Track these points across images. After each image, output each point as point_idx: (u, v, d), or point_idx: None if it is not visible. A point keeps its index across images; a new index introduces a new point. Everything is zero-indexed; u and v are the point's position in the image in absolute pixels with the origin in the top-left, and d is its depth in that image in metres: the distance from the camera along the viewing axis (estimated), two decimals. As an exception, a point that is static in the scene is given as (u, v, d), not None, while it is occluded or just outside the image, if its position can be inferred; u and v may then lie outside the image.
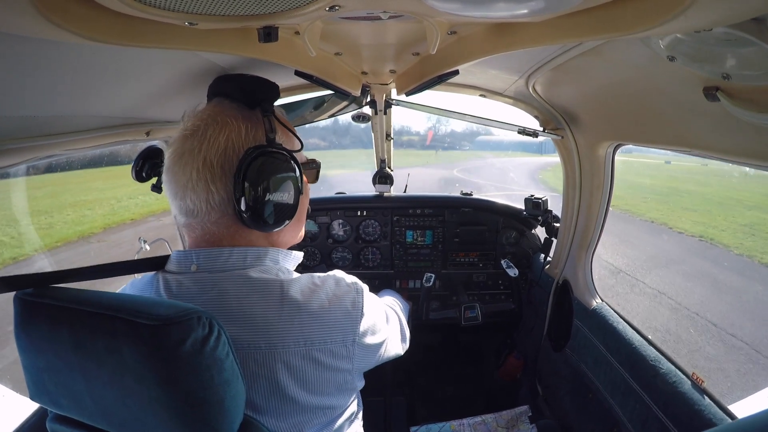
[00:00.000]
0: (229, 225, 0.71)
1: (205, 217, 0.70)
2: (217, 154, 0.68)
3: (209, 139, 0.69)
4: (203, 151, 0.68)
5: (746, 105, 0.69)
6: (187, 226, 0.73)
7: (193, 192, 0.68)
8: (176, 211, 0.72)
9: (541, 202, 1.99)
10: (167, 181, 0.72)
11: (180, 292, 0.69)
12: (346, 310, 0.72)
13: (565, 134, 1.56)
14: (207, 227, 0.71)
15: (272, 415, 0.66)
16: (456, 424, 1.72)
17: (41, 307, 0.58)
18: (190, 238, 0.74)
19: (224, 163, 0.68)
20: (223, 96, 0.76)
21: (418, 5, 0.63)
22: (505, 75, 1.34)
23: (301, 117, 1.79)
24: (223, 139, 0.69)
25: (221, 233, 0.72)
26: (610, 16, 0.57)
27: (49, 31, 0.51)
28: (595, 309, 1.58)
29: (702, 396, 1.05)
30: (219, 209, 0.70)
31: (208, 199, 0.69)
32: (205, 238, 0.72)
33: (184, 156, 0.69)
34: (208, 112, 0.72)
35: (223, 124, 0.70)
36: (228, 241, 0.72)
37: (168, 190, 0.72)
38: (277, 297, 0.67)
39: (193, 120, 0.72)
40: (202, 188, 0.68)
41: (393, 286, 2.27)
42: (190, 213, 0.70)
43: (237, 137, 0.70)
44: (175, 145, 0.71)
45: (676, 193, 16.17)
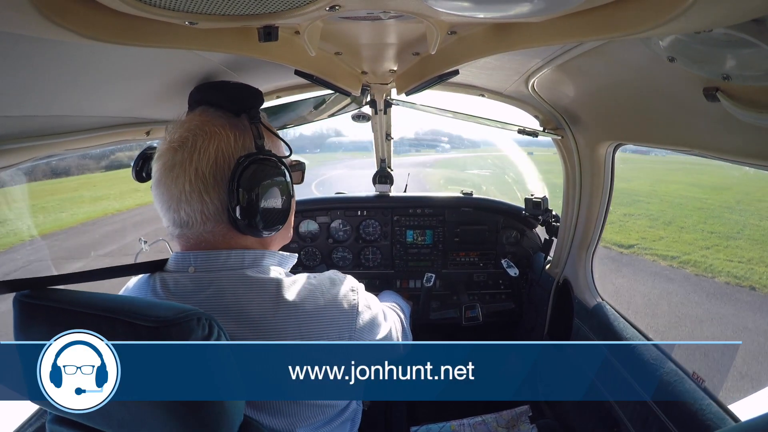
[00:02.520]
0: (225, 233, 0.72)
1: (200, 228, 0.70)
2: (209, 165, 0.68)
3: (199, 150, 0.69)
4: (194, 162, 0.68)
5: (746, 105, 0.69)
6: (181, 237, 0.73)
7: (187, 204, 0.68)
8: (169, 223, 0.72)
9: (541, 202, 2.00)
10: (158, 194, 0.71)
11: (177, 290, 0.69)
12: (341, 307, 0.72)
13: (565, 134, 1.56)
14: (203, 236, 0.71)
15: (272, 413, 0.66)
16: (456, 424, 1.72)
17: (40, 308, 0.58)
18: (184, 247, 0.74)
19: (216, 173, 0.69)
20: (206, 104, 0.76)
21: (418, 5, 0.63)
22: (505, 75, 1.34)
23: (301, 117, 1.80)
24: (213, 149, 0.69)
25: (216, 240, 0.72)
26: (611, 16, 0.57)
27: (49, 30, 0.51)
28: (596, 308, 1.58)
29: (703, 396, 1.05)
30: (213, 219, 0.70)
31: (202, 210, 0.69)
32: (201, 245, 0.72)
33: (175, 168, 0.68)
34: (195, 122, 0.72)
35: (211, 133, 0.70)
36: (224, 246, 0.73)
37: (159, 203, 0.72)
38: (273, 295, 0.68)
39: (179, 131, 0.71)
40: (196, 199, 0.68)
41: (393, 285, 2.27)
42: (185, 224, 0.70)
43: (227, 146, 0.70)
44: (164, 158, 0.70)
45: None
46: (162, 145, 0.73)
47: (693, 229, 9.08)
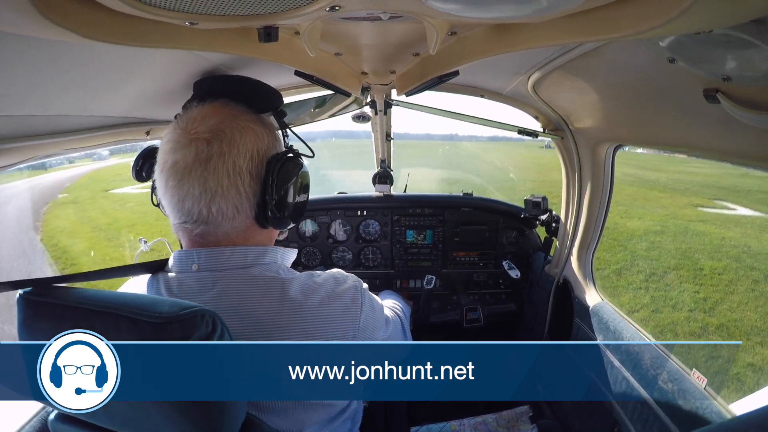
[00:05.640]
0: (246, 227, 0.72)
1: (228, 222, 0.70)
2: (245, 160, 0.69)
3: (238, 144, 0.68)
4: (232, 156, 0.68)
5: (746, 106, 0.69)
6: (193, 232, 0.70)
7: (222, 198, 0.68)
8: (187, 217, 0.69)
9: (540, 202, 2.00)
10: (180, 186, 0.67)
11: (181, 291, 0.69)
12: (345, 306, 0.72)
13: (565, 135, 1.56)
14: (222, 231, 0.70)
15: (274, 412, 0.66)
16: (456, 424, 1.72)
17: (44, 306, 0.58)
18: (192, 243, 0.72)
19: (252, 168, 0.70)
20: (225, 97, 0.75)
21: (418, 6, 0.63)
22: (505, 75, 1.34)
23: (301, 117, 1.80)
24: (251, 145, 0.70)
25: (236, 235, 0.72)
26: (611, 17, 0.57)
27: (49, 31, 0.51)
28: (596, 308, 1.58)
29: (703, 395, 1.05)
30: (243, 213, 0.70)
31: (236, 205, 0.69)
32: (209, 239, 0.72)
33: (212, 160, 0.67)
34: (223, 114, 0.71)
35: (245, 128, 0.71)
36: (239, 241, 0.72)
37: (179, 196, 0.68)
38: (278, 294, 0.68)
39: (207, 122, 0.69)
40: (234, 193, 0.68)
41: (393, 285, 2.27)
42: (209, 220, 0.68)
43: (261, 142, 0.72)
44: (193, 149, 0.67)
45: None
46: (178, 135, 0.69)
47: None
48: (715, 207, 10.65)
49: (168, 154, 0.69)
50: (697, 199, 11.40)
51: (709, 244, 7.65)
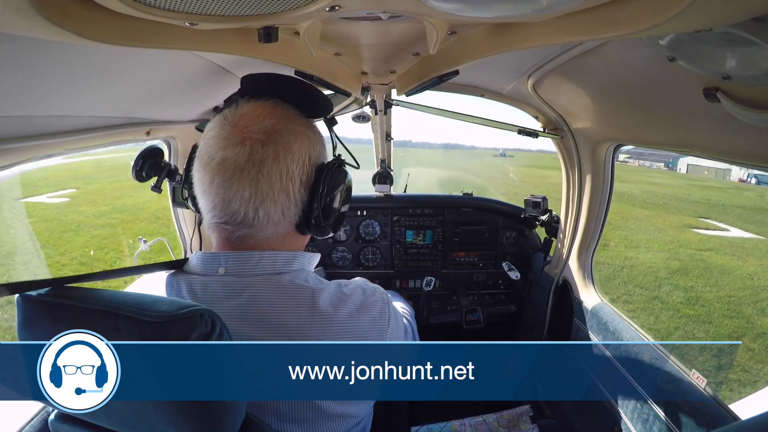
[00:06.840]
0: (285, 233, 0.71)
1: (271, 227, 0.68)
2: (297, 165, 0.68)
3: (293, 149, 0.67)
4: (286, 161, 0.66)
5: (746, 105, 0.69)
6: (231, 234, 0.68)
7: (272, 202, 0.66)
8: (228, 218, 0.66)
9: (540, 202, 2.00)
10: (229, 186, 0.64)
11: (206, 296, 0.67)
12: (374, 319, 0.72)
13: (565, 134, 1.56)
14: (262, 235, 0.69)
15: (296, 422, 0.66)
16: (457, 424, 1.72)
17: (44, 305, 0.58)
18: (227, 241, 0.70)
19: (302, 175, 0.69)
20: (278, 97, 0.71)
21: (418, 5, 0.63)
22: (505, 75, 1.34)
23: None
24: (305, 151, 0.69)
25: (271, 240, 0.70)
26: (611, 16, 0.57)
27: (49, 31, 0.51)
28: (595, 308, 1.58)
29: (703, 395, 1.05)
30: (287, 219, 0.69)
31: (284, 210, 0.68)
32: (247, 243, 0.69)
33: (266, 163, 0.65)
34: (277, 117, 0.68)
35: (299, 133, 0.69)
36: (276, 246, 0.71)
37: (232, 198, 0.65)
38: (308, 305, 0.67)
39: (260, 122, 0.66)
40: (284, 198, 0.67)
41: (393, 285, 2.27)
42: (256, 223, 0.67)
43: (313, 149, 0.71)
44: (250, 148, 0.64)
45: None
46: (228, 131, 0.66)
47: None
48: (708, 228, 10.25)
49: (215, 150, 0.65)
50: (686, 218, 10.97)
51: (743, 286, 6.35)
